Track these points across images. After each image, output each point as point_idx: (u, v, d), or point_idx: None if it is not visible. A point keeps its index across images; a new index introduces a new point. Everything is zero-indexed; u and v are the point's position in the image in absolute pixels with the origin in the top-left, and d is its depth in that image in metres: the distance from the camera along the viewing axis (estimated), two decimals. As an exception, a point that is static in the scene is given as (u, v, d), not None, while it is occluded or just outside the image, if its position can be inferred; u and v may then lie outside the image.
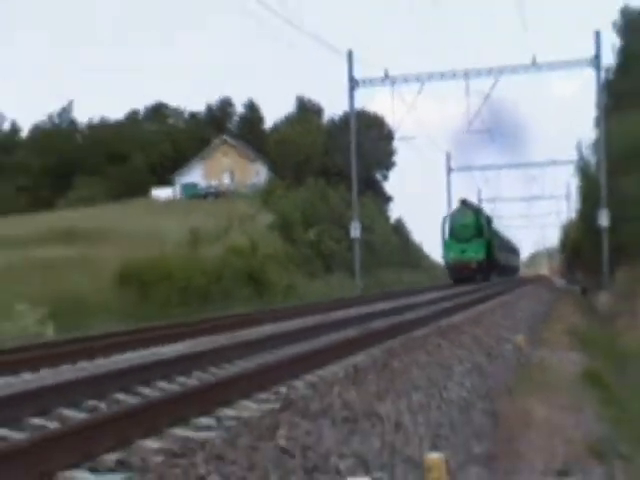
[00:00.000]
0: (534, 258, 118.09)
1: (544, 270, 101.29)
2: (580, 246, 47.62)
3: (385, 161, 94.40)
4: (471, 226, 49.61)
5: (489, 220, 56.70)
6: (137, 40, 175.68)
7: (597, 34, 38.00)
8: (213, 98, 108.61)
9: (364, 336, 13.54)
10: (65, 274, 30.06)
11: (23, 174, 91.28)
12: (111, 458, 5.92)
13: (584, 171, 46.34)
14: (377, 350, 12.36)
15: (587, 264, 42.65)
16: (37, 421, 7.55)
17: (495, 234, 58.83)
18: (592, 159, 41.93)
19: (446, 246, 50.24)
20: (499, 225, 74.93)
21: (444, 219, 50.96)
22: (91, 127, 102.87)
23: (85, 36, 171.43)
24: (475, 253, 48.67)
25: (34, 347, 14.75)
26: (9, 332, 20.43)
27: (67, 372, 10.86)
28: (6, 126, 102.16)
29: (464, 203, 52.49)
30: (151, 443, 6.41)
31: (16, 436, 6.95)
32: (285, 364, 10.09)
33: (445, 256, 50.95)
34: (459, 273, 48.47)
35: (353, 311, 21.52)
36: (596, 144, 38.93)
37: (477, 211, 53.27)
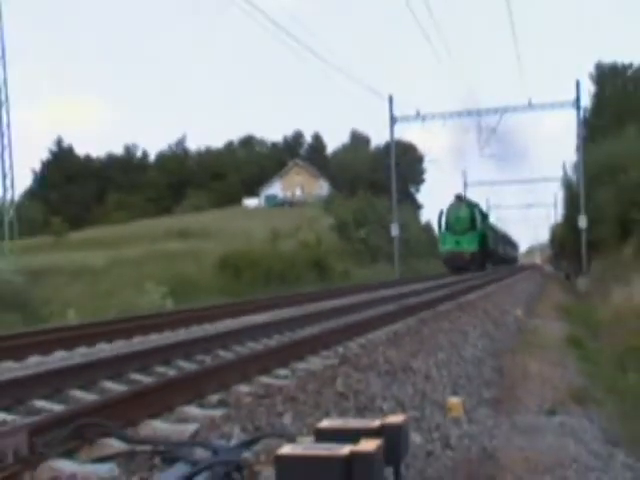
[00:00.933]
0: (530, 251, 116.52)
1: (537, 260, 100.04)
2: (564, 242, 47.02)
3: (417, 178, 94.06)
4: (465, 219, 41.67)
5: (484, 215, 48.87)
6: (235, 85, 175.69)
7: (577, 83, 37.93)
8: (288, 131, 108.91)
9: (401, 309, 13.52)
10: (180, 262, 30.33)
11: (151, 188, 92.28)
12: (215, 398, 6.00)
13: (568, 185, 45.90)
14: (411, 320, 12.34)
15: (570, 256, 42.17)
16: (162, 369, 7.68)
17: (490, 228, 51.11)
18: (573, 176, 41.69)
19: (442, 238, 42.42)
20: (501, 224, 74.10)
21: (440, 213, 43.28)
22: (199, 153, 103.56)
23: (193, 78, 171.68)
24: (469, 245, 41.00)
25: (159, 315, 14.97)
26: (142, 304, 20.73)
27: (183, 334, 11.02)
28: (139, 153, 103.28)
29: (459, 198, 44.19)
30: (243, 387, 6.49)
31: (146, 380, 7.07)
32: (342, 330, 10.12)
33: (441, 247, 42.68)
34: (454, 263, 40.75)
35: (392, 291, 21.47)
36: (577, 165, 38.86)
37: (471, 205, 44.57)
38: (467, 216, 41.72)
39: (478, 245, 41.42)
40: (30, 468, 3.96)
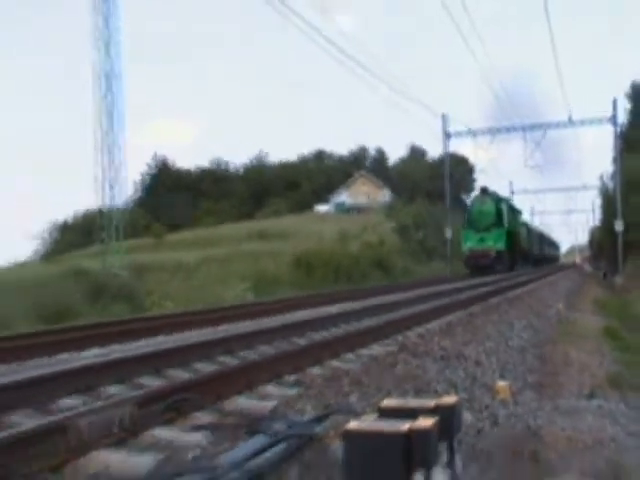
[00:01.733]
0: (570, 251, 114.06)
1: (577, 259, 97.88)
2: (602, 243, 45.93)
3: (468, 187, 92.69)
4: (490, 214, 33.46)
5: (515, 210, 40.41)
6: (307, 105, 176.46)
7: (614, 101, 37.19)
8: (354, 145, 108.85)
9: (454, 303, 13.41)
10: (260, 260, 30.63)
11: (235, 197, 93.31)
12: (290, 378, 6.03)
13: (605, 193, 44.93)
14: (463, 312, 12.25)
15: (607, 256, 41.16)
16: (245, 353, 7.76)
17: (523, 225, 43.06)
18: (610, 185, 40.80)
19: (464, 235, 34.49)
20: (544, 228, 72.60)
21: (465, 209, 36.48)
22: (276, 166, 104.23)
23: (270, 101, 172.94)
24: (494, 242, 32.67)
25: (242, 306, 15.13)
26: (227, 297, 20.99)
27: (263, 323, 11.09)
28: (224, 166, 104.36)
29: (484, 191, 36.09)
30: (315, 370, 6.52)
31: (232, 362, 7.14)
32: (401, 320, 10.10)
33: (463, 246, 34.54)
34: (476, 262, 32.77)
35: (446, 286, 21.30)
36: (613, 175, 38.14)
37: (497, 199, 35.69)
38: (492, 210, 33.77)
39: (505, 243, 33.18)
40: (134, 435, 4.06)
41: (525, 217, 52.01)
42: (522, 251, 39.29)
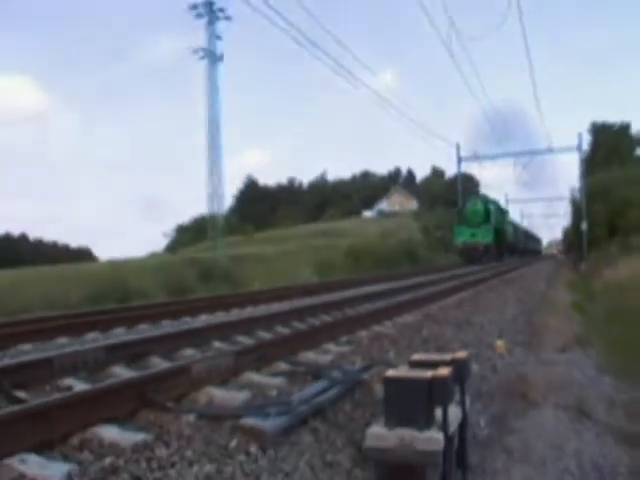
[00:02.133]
0: (549, 245, 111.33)
1: (554, 251, 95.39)
2: (572, 239, 44.84)
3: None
4: (480, 213, 31.15)
5: (502, 210, 37.14)
6: (355, 137, 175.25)
7: (579, 135, 37.32)
8: (391, 167, 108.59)
9: (463, 284, 13.22)
10: (322, 252, 30.68)
11: (304, 205, 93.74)
12: (344, 339, 5.96)
13: (574, 202, 44.05)
14: (471, 291, 12.08)
15: (575, 248, 40.21)
16: (312, 320, 7.67)
17: (509, 223, 39.09)
18: (578, 195, 40.19)
19: (457, 231, 31.51)
20: (530, 226, 70.85)
21: (458, 210, 33.58)
22: (335, 182, 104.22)
23: (333, 133, 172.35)
24: (483, 237, 30.26)
25: (308, 286, 15.14)
26: (299, 279, 21.07)
27: (323, 298, 11.05)
28: (296, 182, 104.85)
29: (476, 194, 33.86)
30: (362, 333, 6.45)
31: (302, 326, 7.06)
32: (425, 297, 9.97)
33: (456, 240, 31.56)
34: (468, 254, 30.15)
35: (459, 271, 21.00)
36: (580, 189, 37.96)
37: (487, 201, 33.26)
38: (482, 210, 31.40)
39: (492, 238, 30.71)
40: (233, 377, 4.11)
41: (515, 218, 50.53)
42: (508, 244, 36.45)
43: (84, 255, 59.44)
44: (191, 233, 65.09)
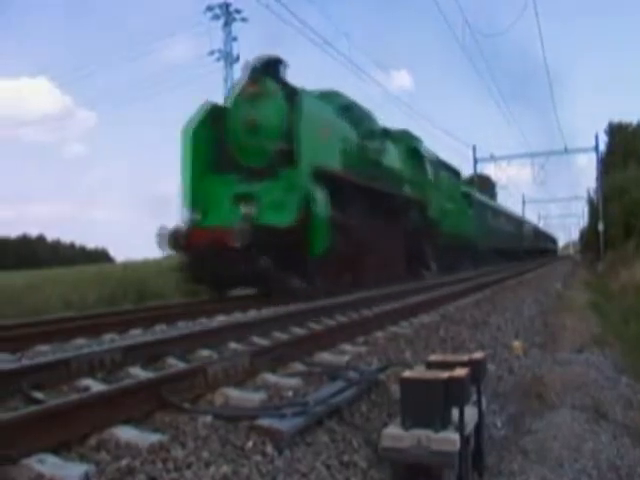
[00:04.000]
0: (566, 245, 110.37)
1: (571, 251, 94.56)
2: (589, 239, 44.59)
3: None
4: None
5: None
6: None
7: (596, 135, 37.65)
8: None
9: (479, 285, 13.11)
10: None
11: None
12: (360, 339, 5.94)
13: (591, 202, 43.79)
14: (488, 291, 11.98)
15: (592, 249, 39.94)
16: (328, 321, 7.62)
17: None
18: (595, 196, 39.90)
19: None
20: (546, 227, 70.43)
21: None
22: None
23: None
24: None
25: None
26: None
27: (340, 298, 10.90)
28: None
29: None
30: (379, 333, 6.41)
31: (318, 327, 7.02)
32: (443, 297, 9.91)
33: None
34: None
35: (473, 273, 20.85)
36: (597, 189, 37.66)
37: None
38: None
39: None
40: (249, 378, 4.11)
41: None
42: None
43: (101, 256, 59.88)
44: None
